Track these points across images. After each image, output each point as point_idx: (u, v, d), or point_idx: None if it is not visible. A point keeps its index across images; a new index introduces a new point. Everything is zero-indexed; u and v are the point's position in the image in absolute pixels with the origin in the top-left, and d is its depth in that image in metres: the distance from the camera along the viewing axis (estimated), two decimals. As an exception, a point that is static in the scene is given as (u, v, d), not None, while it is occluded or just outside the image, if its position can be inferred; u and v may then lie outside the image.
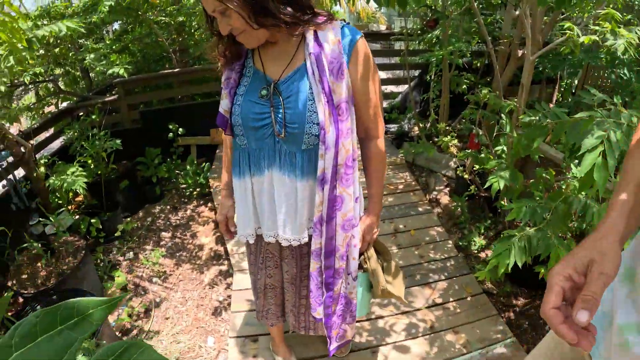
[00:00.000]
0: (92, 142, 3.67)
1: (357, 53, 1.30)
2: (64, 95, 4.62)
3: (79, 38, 4.55)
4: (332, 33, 1.28)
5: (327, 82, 1.26)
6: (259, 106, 1.33)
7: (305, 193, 1.40)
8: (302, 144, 1.33)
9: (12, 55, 2.17)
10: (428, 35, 4.11)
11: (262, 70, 1.36)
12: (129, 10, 4.37)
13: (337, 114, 1.28)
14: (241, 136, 1.41)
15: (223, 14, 1.20)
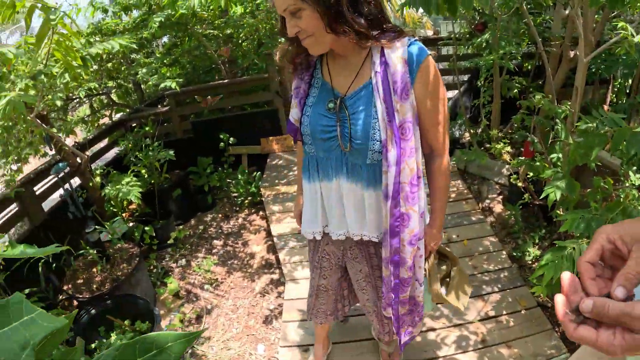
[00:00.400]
0: (146, 152, 3.81)
1: (422, 73, 1.29)
2: (117, 107, 4.83)
3: (130, 53, 4.74)
4: (399, 51, 1.27)
5: (391, 101, 1.27)
6: (327, 119, 1.38)
7: (371, 201, 1.44)
8: (367, 159, 1.37)
9: (67, 73, 2.28)
10: (477, 40, 4.00)
11: (329, 82, 1.39)
12: (178, 24, 4.52)
13: (399, 133, 1.29)
14: (310, 145, 1.46)
15: (293, 15, 1.21)
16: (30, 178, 3.05)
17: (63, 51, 1.94)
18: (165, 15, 3.95)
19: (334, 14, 1.18)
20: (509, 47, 3.57)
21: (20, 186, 2.87)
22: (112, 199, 3.23)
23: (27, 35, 2.06)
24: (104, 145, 4.47)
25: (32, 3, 1.52)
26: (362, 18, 1.22)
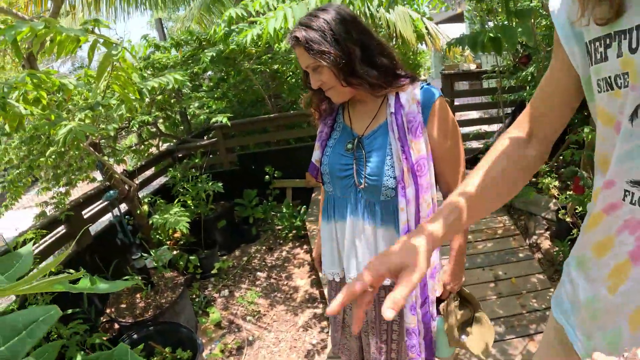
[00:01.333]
0: (194, 184, 3.93)
1: (434, 112, 1.37)
2: (164, 137, 5.02)
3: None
4: (412, 94, 1.37)
5: (406, 139, 1.35)
6: (345, 158, 1.47)
7: (385, 239, 1.47)
8: (381, 195, 1.42)
9: (123, 104, 2.41)
10: (522, 73, 3.96)
11: (349, 125, 1.50)
12: (227, 59, 4.71)
13: (415, 169, 1.36)
14: (329, 184, 1.55)
15: (315, 70, 1.36)
16: (79, 202, 3.19)
17: (121, 84, 2.06)
18: (216, 51, 4.13)
19: (348, 70, 1.31)
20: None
21: (69, 209, 3.00)
22: (159, 227, 3.33)
23: (85, 67, 2.19)
24: (151, 173, 4.63)
25: (95, 38, 1.64)
26: (375, 70, 1.34)
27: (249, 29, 3.21)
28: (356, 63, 1.32)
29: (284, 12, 2.46)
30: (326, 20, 1.31)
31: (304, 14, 2.43)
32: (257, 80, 5.35)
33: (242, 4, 3.39)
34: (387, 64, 1.37)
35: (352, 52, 1.31)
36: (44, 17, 1.57)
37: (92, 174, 3.40)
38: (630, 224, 0.77)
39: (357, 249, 1.52)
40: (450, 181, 1.47)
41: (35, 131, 2.57)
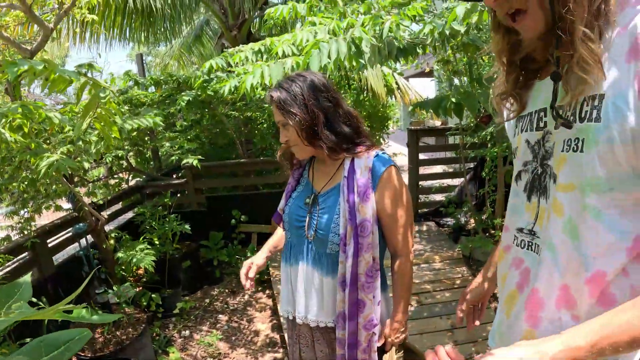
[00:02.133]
0: (162, 223, 3.95)
1: (384, 180, 1.53)
2: (134, 172, 5.05)
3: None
4: (366, 161, 1.54)
5: (353, 202, 1.51)
6: (302, 210, 1.64)
7: (329, 287, 1.61)
8: (327, 249, 1.58)
9: (102, 141, 2.48)
10: (482, 132, 4.24)
11: (311, 181, 1.68)
12: (203, 103, 4.86)
13: (359, 230, 1.51)
14: (287, 231, 1.72)
15: (284, 127, 1.55)
16: (45, 230, 3.17)
17: (103, 123, 2.14)
18: (192, 95, 4.27)
19: (311, 132, 1.50)
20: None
21: (35, 237, 2.99)
22: (124, 263, 3.33)
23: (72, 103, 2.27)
24: (119, 208, 4.63)
25: (86, 80, 1.74)
26: (335, 136, 1.52)
27: (227, 80, 3.37)
28: (319, 127, 1.50)
29: (262, 70, 2.62)
30: (300, 85, 1.51)
31: (280, 72, 2.64)
32: (230, 124, 5.49)
33: (223, 55, 3.57)
34: (347, 132, 1.55)
35: (317, 116, 1.49)
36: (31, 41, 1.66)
37: (58, 202, 3.40)
38: (516, 261, 1.02)
39: (306, 292, 1.66)
40: (394, 244, 1.62)
41: (8, 154, 2.60)
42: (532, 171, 0.97)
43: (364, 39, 2.42)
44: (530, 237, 0.97)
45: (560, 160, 0.87)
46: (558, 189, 0.87)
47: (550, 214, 0.89)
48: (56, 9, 2.77)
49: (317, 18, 3.74)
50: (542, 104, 0.94)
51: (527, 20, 0.86)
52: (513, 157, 1.07)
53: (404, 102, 9.74)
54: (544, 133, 0.93)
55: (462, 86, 4.60)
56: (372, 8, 4.18)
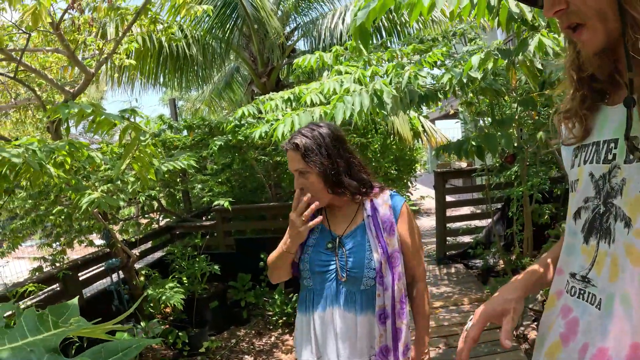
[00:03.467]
0: (192, 263, 4.05)
1: (403, 214, 1.68)
2: (165, 212, 5.21)
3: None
4: (384, 200, 1.67)
5: (382, 237, 1.61)
6: (325, 255, 1.67)
7: (364, 325, 1.64)
8: (362, 285, 1.62)
9: (138, 181, 2.63)
10: (507, 173, 4.26)
11: (328, 227, 1.73)
12: (234, 147, 5.05)
13: (391, 261, 1.60)
14: (308, 279, 1.72)
15: (302, 174, 1.59)
16: (77, 264, 3.30)
17: (141, 164, 2.28)
18: (224, 139, 4.46)
19: (335, 180, 1.57)
20: (537, 179, 3.78)
21: (67, 269, 3.11)
22: (152, 300, 3.41)
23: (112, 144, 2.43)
24: (149, 247, 4.77)
25: (128, 124, 1.89)
26: (356, 182, 1.62)
27: (258, 126, 3.54)
28: (341, 174, 1.58)
29: (292, 119, 2.77)
30: (322, 134, 1.59)
31: (309, 121, 2.77)
32: (260, 168, 5.64)
33: (254, 103, 3.76)
34: (364, 178, 1.66)
35: (339, 165, 1.58)
36: (71, 84, 1.81)
37: (90, 238, 3.55)
38: (564, 309, 0.93)
39: (338, 336, 1.67)
40: (415, 271, 1.73)
41: (44, 188, 2.76)
42: (594, 209, 0.86)
43: (385, 91, 2.54)
44: (583, 284, 0.87)
45: (639, 202, 0.76)
46: (636, 235, 0.75)
47: (622, 262, 0.77)
48: (97, 55, 2.99)
49: (343, 67, 3.92)
50: (611, 133, 0.84)
51: (584, 34, 0.79)
52: (570, 191, 0.96)
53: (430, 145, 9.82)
54: (611, 167, 0.82)
55: (486, 127, 4.67)
56: (395, 56, 4.35)
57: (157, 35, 4.87)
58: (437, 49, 4.01)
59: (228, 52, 8.34)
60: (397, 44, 7.91)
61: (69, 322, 0.86)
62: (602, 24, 0.76)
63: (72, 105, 1.47)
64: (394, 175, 8.40)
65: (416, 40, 5.38)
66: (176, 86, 8.36)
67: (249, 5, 6.90)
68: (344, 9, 8.11)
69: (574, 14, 0.78)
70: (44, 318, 0.70)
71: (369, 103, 2.53)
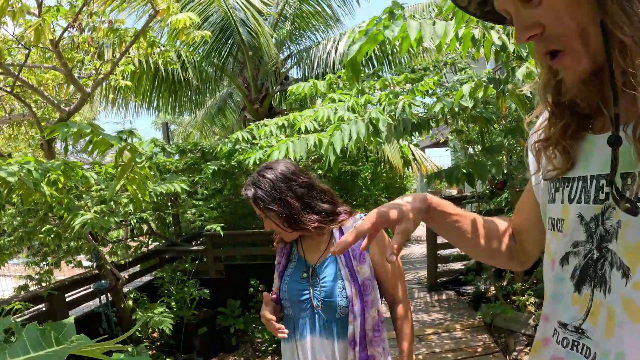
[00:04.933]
0: (181, 287, 4.00)
1: (374, 240, 1.63)
2: (154, 236, 5.16)
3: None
4: (352, 226, 1.65)
5: (352, 266, 1.62)
6: (301, 285, 1.70)
7: (342, 352, 1.66)
8: (337, 314, 1.64)
9: (131, 203, 2.62)
10: (497, 199, 4.30)
11: (303, 257, 1.76)
12: (226, 173, 5.05)
13: (362, 289, 1.61)
14: (288, 308, 1.75)
15: (266, 218, 1.64)
16: (64, 284, 3.24)
17: (135, 186, 2.28)
18: (217, 165, 4.47)
19: (292, 220, 1.60)
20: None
21: (53, 289, 3.06)
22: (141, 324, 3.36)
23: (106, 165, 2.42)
24: (137, 270, 4.73)
25: (124, 145, 1.90)
26: (316, 215, 1.63)
27: (252, 152, 3.57)
28: (297, 213, 1.60)
29: (287, 146, 2.81)
30: (271, 179, 1.61)
31: (303, 148, 2.81)
32: (252, 194, 5.62)
33: (248, 129, 3.80)
34: (327, 208, 1.66)
35: (292, 205, 1.59)
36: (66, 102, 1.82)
37: (78, 259, 3.51)
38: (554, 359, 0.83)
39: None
40: (393, 292, 1.72)
41: (33, 206, 2.74)
42: (586, 255, 0.76)
43: (380, 120, 2.59)
44: (576, 335, 0.77)
45: (639, 250, 0.68)
46: (635, 288, 0.67)
47: (619, 317, 0.69)
48: (93, 75, 3.01)
49: (337, 95, 3.99)
50: (600, 167, 0.73)
51: (566, 60, 0.70)
52: (550, 228, 0.85)
53: (420, 173, 9.90)
54: (604, 207, 0.72)
55: (476, 154, 4.74)
56: (387, 85, 4.44)
57: (154, 58, 4.93)
58: (429, 78, 4.11)
59: (222, 78, 8.44)
60: (388, 73, 8.08)
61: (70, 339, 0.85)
62: (584, 46, 0.68)
63: (71, 125, 1.48)
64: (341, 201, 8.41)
65: (408, 69, 5.50)
66: (169, 110, 8.43)
67: (245, 32, 7.02)
68: (337, 37, 8.29)
69: (552, 39, 0.69)
70: (47, 334, 0.70)
71: (365, 131, 2.57)
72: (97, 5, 2.72)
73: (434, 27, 1.79)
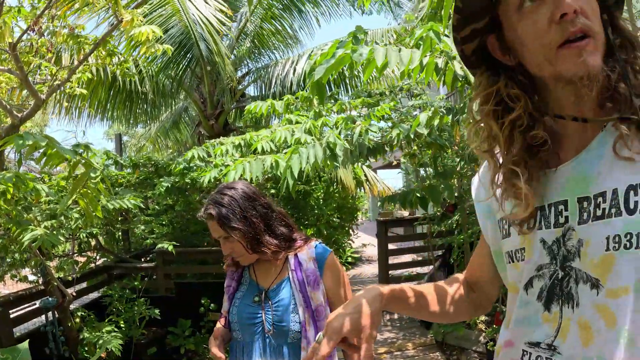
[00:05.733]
0: (130, 306, 3.87)
1: (327, 266, 1.69)
2: (103, 252, 4.98)
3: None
4: (308, 252, 1.68)
5: (306, 291, 1.63)
6: (252, 308, 1.67)
7: None
8: (288, 338, 1.62)
9: (82, 218, 2.54)
10: (448, 221, 4.45)
11: (255, 280, 1.74)
12: (179, 190, 4.97)
13: (315, 315, 1.62)
14: (237, 331, 1.71)
15: (227, 239, 1.61)
16: (9, 300, 3.06)
17: (88, 201, 2.22)
18: (171, 181, 4.40)
19: (255, 241, 1.60)
20: (477, 227, 3.97)
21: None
22: (88, 344, 3.23)
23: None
24: (84, 287, 4.55)
25: (79, 159, 1.85)
26: (276, 238, 1.64)
27: (207, 170, 3.55)
28: (260, 234, 1.60)
29: (243, 166, 2.81)
30: (234, 198, 1.60)
31: (260, 169, 2.82)
32: (203, 212, 5.53)
33: (204, 146, 3.77)
34: (285, 232, 1.68)
35: (256, 225, 1.60)
36: (18, 107, 1.76)
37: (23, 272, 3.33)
38: None
39: None
40: None
41: None
42: (551, 276, 0.82)
43: (338, 144, 2.65)
44: (549, 352, 0.81)
45: (605, 261, 0.73)
46: (608, 296, 0.73)
47: (596, 325, 0.74)
48: (49, 80, 2.89)
49: (294, 116, 4.04)
50: (558, 195, 0.81)
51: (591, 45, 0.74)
52: (509, 262, 0.91)
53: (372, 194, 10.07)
54: (564, 230, 0.79)
55: (428, 177, 4.89)
56: (344, 108, 4.54)
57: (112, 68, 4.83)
58: (385, 103, 4.23)
59: (179, 92, 8.35)
60: (345, 96, 8.24)
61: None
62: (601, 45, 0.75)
63: (26, 137, 1.44)
64: (336, 223, 8.51)
65: (364, 93, 5.63)
66: (124, 121, 8.23)
67: (204, 47, 7.00)
68: (296, 57, 8.38)
69: (584, 25, 0.73)
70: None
71: (323, 155, 2.62)
72: (58, 9, 2.63)
73: (400, 54, 1.86)
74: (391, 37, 7.78)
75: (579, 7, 0.72)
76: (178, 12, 6.98)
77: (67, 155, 1.74)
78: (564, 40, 0.74)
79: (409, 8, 8.18)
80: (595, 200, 0.75)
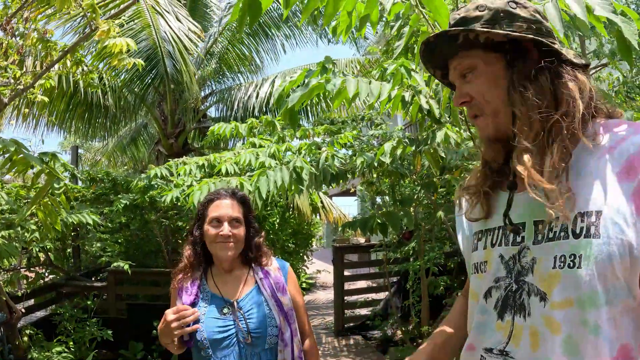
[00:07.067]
0: (82, 326, 3.74)
1: (290, 276, 1.87)
2: (52, 268, 4.79)
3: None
4: (273, 264, 1.82)
5: (277, 296, 1.73)
6: (222, 321, 1.67)
7: None
8: (266, 344, 1.67)
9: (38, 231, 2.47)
10: (404, 248, 4.57)
11: (219, 293, 1.75)
12: (136, 208, 4.88)
13: (288, 318, 1.71)
14: (207, 349, 1.65)
15: (236, 221, 1.71)
16: None
17: (47, 212, 2.17)
18: (130, 198, 4.33)
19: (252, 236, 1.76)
20: (433, 254, 4.11)
21: None
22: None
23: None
24: (32, 304, 4.38)
25: (44, 167, 1.82)
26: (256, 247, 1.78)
27: (168, 189, 3.54)
28: (256, 234, 1.77)
29: (208, 187, 2.80)
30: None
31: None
32: (159, 232, 5.43)
33: (167, 165, 3.76)
34: (261, 242, 1.82)
35: (255, 228, 1.79)
36: None
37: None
38: None
39: None
40: (302, 325, 1.83)
41: None
42: (506, 287, 0.93)
43: (304, 169, 2.72)
44: (501, 357, 0.92)
45: (553, 278, 0.85)
46: (553, 307, 0.84)
47: (542, 332, 0.86)
48: (11, 84, 2.79)
49: (257, 139, 4.09)
50: (518, 217, 0.94)
51: (479, 122, 0.97)
52: (474, 272, 1.04)
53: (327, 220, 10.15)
54: (520, 248, 0.92)
55: (384, 205, 5.02)
56: (308, 135, 4.63)
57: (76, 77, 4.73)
58: (347, 131, 4.35)
59: (141, 107, 8.24)
60: (306, 121, 8.37)
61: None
62: (493, 118, 0.94)
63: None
64: (291, 249, 8.53)
65: (327, 121, 5.76)
66: (81, 133, 8.03)
67: (170, 65, 6.98)
68: (259, 82, 8.46)
69: (474, 107, 0.96)
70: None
71: (289, 178, 2.68)
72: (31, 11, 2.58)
73: (370, 86, 1.96)
74: (355, 67, 8.01)
75: (470, 96, 0.96)
76: (148, 27, 6.96)
77: (33, 162, 1.72)
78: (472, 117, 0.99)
79: (371, 41, 8.46)
80: (549, 223, 0.86)
